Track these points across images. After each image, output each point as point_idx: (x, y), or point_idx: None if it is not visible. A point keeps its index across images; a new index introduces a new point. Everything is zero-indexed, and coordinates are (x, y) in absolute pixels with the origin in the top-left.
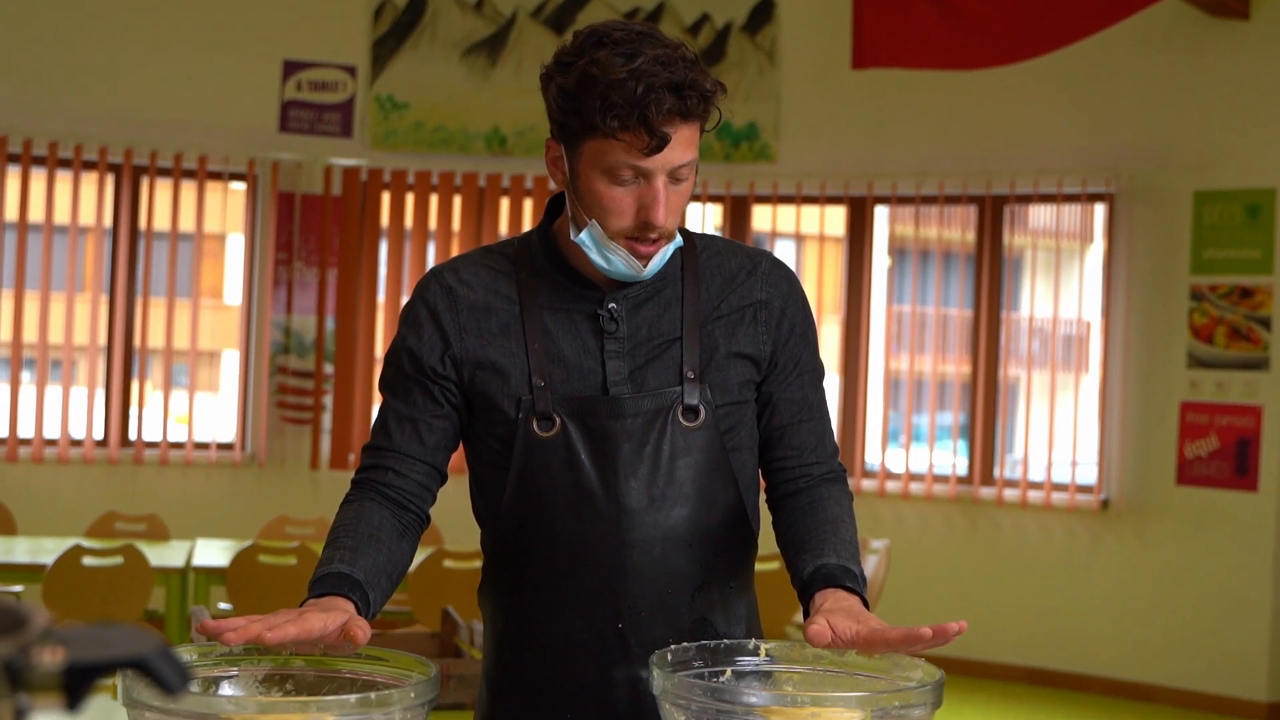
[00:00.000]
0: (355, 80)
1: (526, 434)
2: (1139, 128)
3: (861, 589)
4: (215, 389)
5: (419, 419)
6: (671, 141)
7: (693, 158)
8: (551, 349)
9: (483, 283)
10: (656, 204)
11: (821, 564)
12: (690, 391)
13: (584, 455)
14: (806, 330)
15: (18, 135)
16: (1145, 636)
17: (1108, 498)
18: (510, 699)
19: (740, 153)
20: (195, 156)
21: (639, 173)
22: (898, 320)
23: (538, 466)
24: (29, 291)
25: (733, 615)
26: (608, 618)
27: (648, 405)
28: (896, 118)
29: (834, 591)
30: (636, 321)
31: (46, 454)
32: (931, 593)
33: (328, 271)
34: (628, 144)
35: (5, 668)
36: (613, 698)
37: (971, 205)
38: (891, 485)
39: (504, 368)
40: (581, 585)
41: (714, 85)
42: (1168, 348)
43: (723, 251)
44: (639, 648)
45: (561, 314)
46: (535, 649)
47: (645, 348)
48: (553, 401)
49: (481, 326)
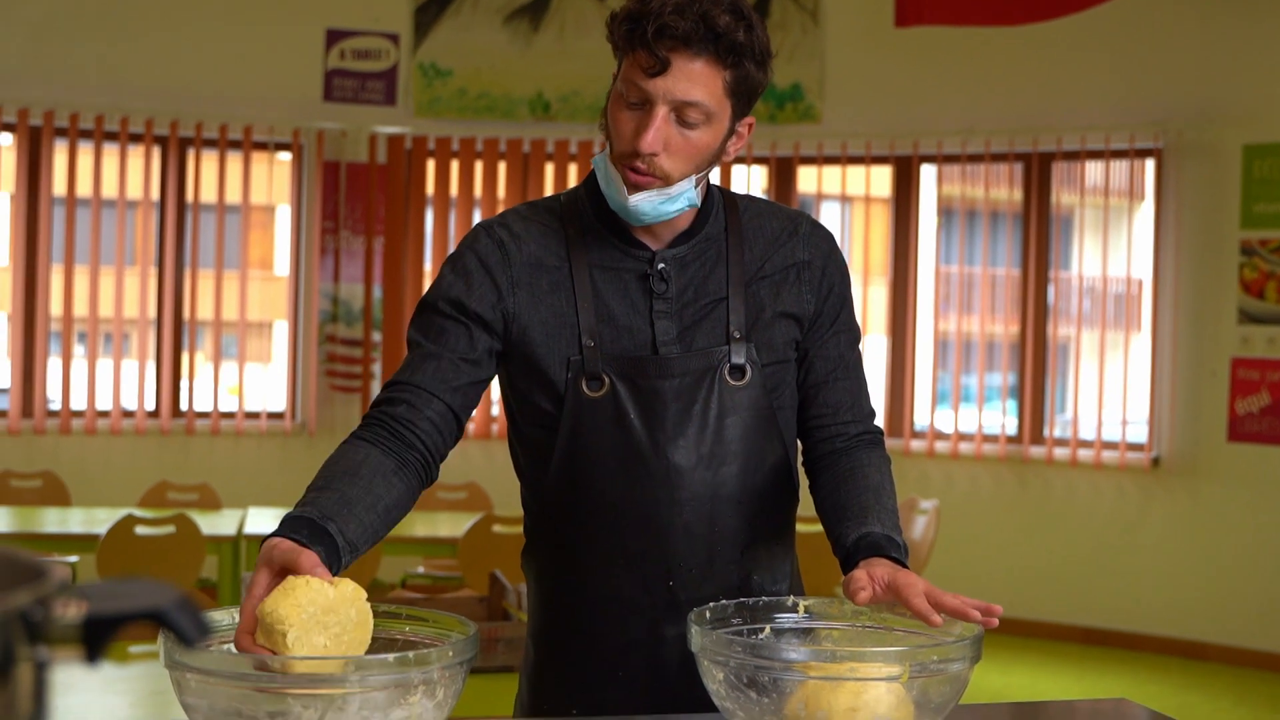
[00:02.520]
0: (398, 48)
1: (576, 394)
2: (1186, 81)
3: (904, 558)
4: (265, 359)
5: (445, 356)
6: (675, 71)
7: (703, 101)
8: (601, 308)
9: (534, 238)
10: (645, 129)
11: (866, 532)
12: (737, 351)
13: (633, 415)
14: (845, 291)
15: (64, 110)
16: (1197, 594)
17: (1159, 455)
18: (559, 658)
19: (785, 114)
20: (241, 127)
21: (644, 97)
22: (945, 280)
23: (587, 426)
24: (79, 265)
25: (777, 573)
26: (658, 575)
27: (695, 364)
28: (941, 76)
29: (879, 561)
30: (684, 281)
31: (99, 426)
32: (981, 552)
33: (374, 240)
34: (637, 63)
35: (24, 620)
36: (663, 655)
37: (1018, 163)
38: (940, 445)
39: (554, 327)
40: (632, 544)
41: (734, 29)
42: (1218, 303)
43: (764, 213)
44: (689, 605)
45: (611, 273)
46: (585, 608)
47: (693, 308)
48: (602, 361)
49: (534, 283)
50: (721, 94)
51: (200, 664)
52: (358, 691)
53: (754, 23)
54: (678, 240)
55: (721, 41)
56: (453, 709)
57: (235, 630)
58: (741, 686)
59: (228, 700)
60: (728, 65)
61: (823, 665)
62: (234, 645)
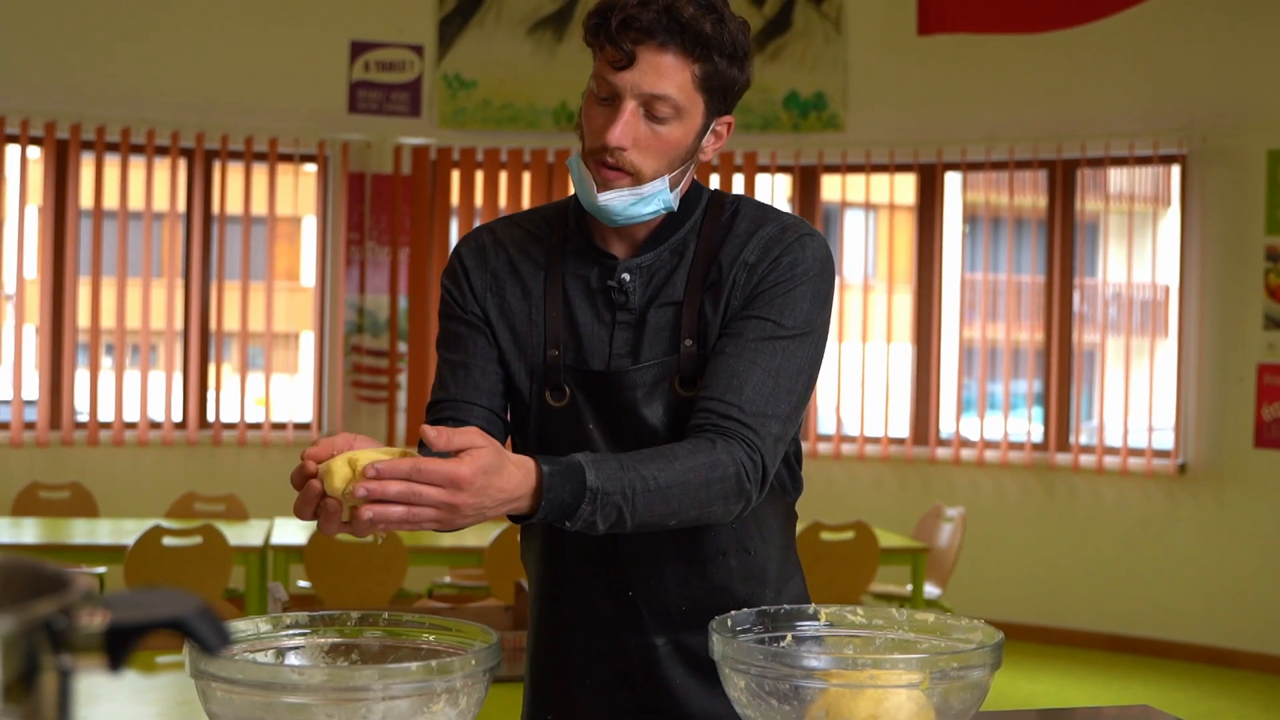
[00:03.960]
0: (422, 59)
1: (540, 403)
2: (1210, 87)
3: (559, 475)
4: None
5: (471, 364)
6: (642, 65)
7: (671, 95)
8: (568, 318)
9: (516, 244)
10: (613, 123)
11: (570, 455)
12: (687, 361)
13: (592, 425)
14: (784, 283)
15: (90, 123)
16: (1226, 601)
17: (1185, 462)
18: (545, 664)
19: (809, 122)
20: (266, 139)
21: (612, 91)
22: (970, 288)
23: (552, 435)
24: (106, 278)
25: (759, 582)
26: (619, 586)
27: (647, 377)
28: (964, 83)
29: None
30: (648, 293)
31: (126, 437)
32: (1007, 560)
33: (399, 251)
34: (605, 58)
35: (48, 629)
36: (628, 664)
37: (1042, 170)
38: (966, 453)
39: (522, 335)
40: (594, 554)
41: (700, 21)
42: (1244, 310)
43: (742, 213)
44: (651, 616)
45: (581, 282)
46: (559, 616)
47: (652, 319)
48: (564, 372)
49: (507, 289)
50: (691, 88)
51: (225, 673)
52: (381, 699)
53: (725, 16)
54: (644, 247)
55: (688, 33)
56: (475, 717)
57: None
58: (763, 694)
59: (251, 709)
60: (696, 58)
61: (843, 673)
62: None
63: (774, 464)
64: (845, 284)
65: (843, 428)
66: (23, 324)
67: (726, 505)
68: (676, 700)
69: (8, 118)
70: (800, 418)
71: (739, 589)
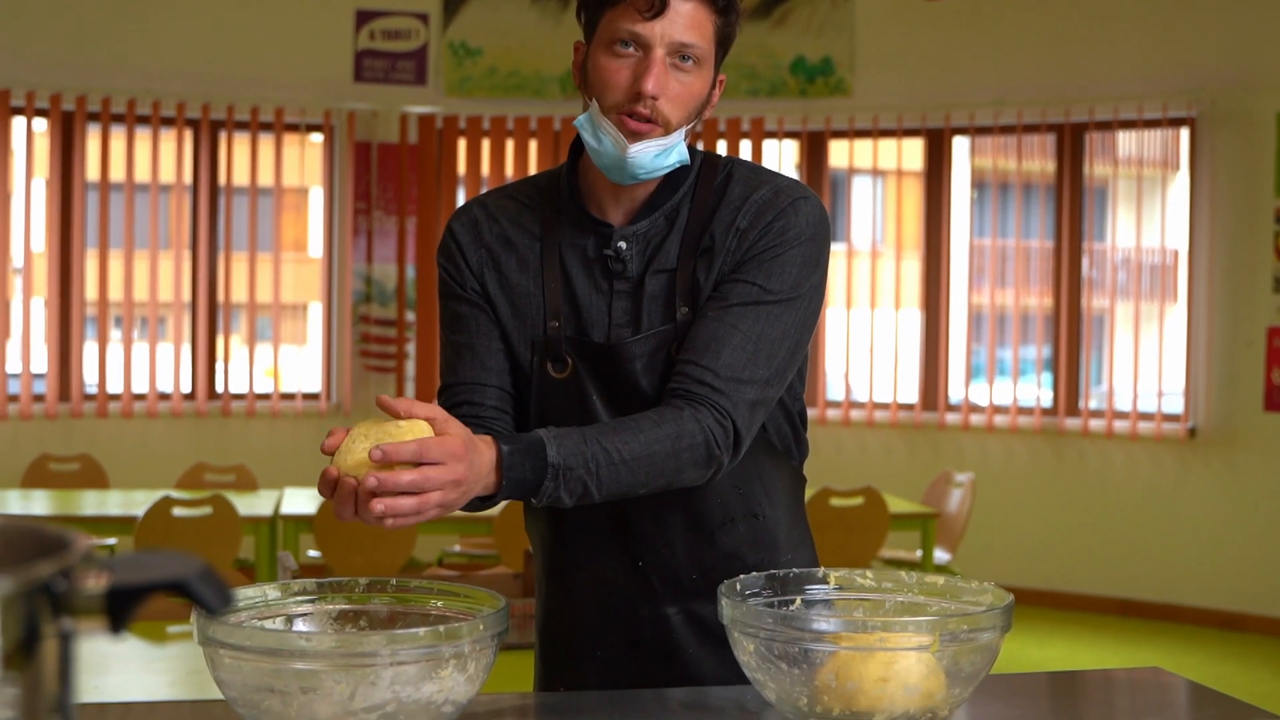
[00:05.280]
0: (428, 27)
1: (542, 375)
2: (1219, 49)
3: (518, 453)
4: (301, 341)
5: (476, 344)
6: (672, 14)
7: (698, 44)
8: (566, 289)
9: (509, 216)
10: (649, 73)
11: (533, 431)
12: (684, 329)
13: (595, 397)
14: (773, 249)
15: (96, 94)
16: (1235, 564)
17: (1195, 426)
18: (553, 638)
19: (815, 88)
20: (272, 109)
21: (639, 43)
22: (979, 253)
23: (553, 407)
24: (113, 250)
25: (769, 548)
26: (629, 556)
27: (646, 346)
28: (972, 46)
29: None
30: (645, 261)
31: (136, 408)
32: (1018, 525)
33: (406, 220)
34: (633, 6)
35: (48, 591)
36: (639, 634)
37: (1051, 134)
38: (976, 419)
39: (521, 307)
40: (601, 525)
41: None
42: (1254, 273)
43: (735, 176)
44: (661, 585)
45: (578, 252)
46: (568, 587)
47: (649, 286)
48: (565, 343)
49: (504, 261)
50: (711, 39)
51: (232, 640)
52: (389, 665)
53: None
54: (639, 214)
55: None
56: (484, 683)
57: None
58: (772, 658)
59: (259, 676)
60: (718, 10)
61: (853, 635)
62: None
63: (749, 429)
64: (853, 250)
65: (851, 394)
66: (31, 297)
67: (697, 471)
68: (689, 669)
69: (13, 90)
70: (786, 381)
71: (749, 555)
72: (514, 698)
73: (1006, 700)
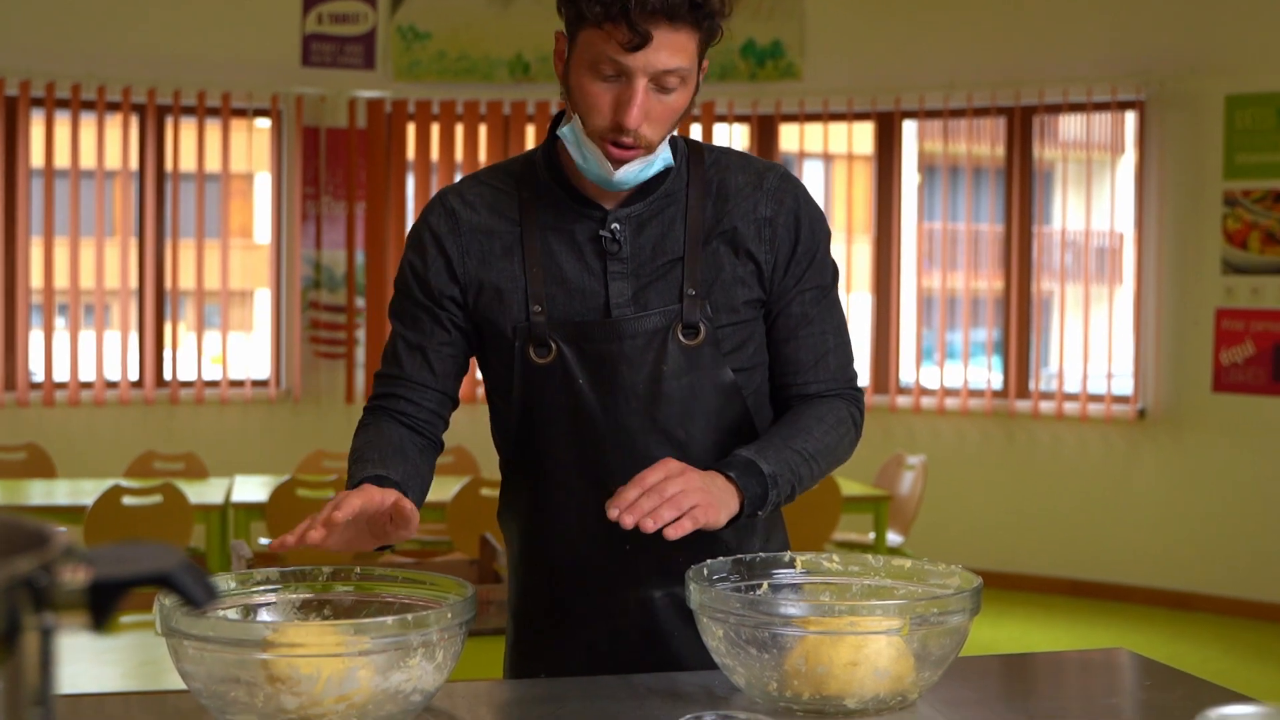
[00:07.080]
0: (376, 11)
1: (524, 360)
2: (1168, 32)
3: (746, 475)
4: (249, 328)
5: (427, 346)
6: (656, 43)
7: (682, 67)
8: (553, 271)
9: (486, 203)
10: (630, 105)
11: (733, 455)
12: (690, 309)
13: (582, 380)
14: (814, 246)
15: (40, 79)
16: (1184, 545)
17: (1144, 407)
18: (531, 625)
19: (765, 71)
20: (219, 94)
21: (620, 70)
22: (929, 237)
23: (536, 392)
24: (58, 237)
25: (748, 530)
26: (616, 540)
27: (648, 325)
28: (922, 30)
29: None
30: (641, 241)
31: (83, 397)
32: (969, 507)
33: (355, 205)
34: (611, 37)
35: (29, 586)
36: (624, 621)
37: (1000, 117)
38: (927, 401)
39: (505, 292)
40: (588, 508)
41: None
42: (1201, 255)
43: (731, 165)
44: (647, 570)
45: (564, 234)
46: (547, 572)
47: (650, 267)
48: (549, 327)
49: (484, 249)
50: (695, 54)
51: (196, 631)
52: (357, 654)
53: None
54: (633, 198)
55: (701, 9)
56: (452, 671)
57: (279, 541)
58: (741, 643)
59: (224, 667)
60: (702, 27)
61: (822, 620)
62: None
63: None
64: None
65: None
66: None
67: (852, 451)
68: (673, 653)
69: None
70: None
71: (730, 538)
72: (484, 686)
73: (973, 684)
